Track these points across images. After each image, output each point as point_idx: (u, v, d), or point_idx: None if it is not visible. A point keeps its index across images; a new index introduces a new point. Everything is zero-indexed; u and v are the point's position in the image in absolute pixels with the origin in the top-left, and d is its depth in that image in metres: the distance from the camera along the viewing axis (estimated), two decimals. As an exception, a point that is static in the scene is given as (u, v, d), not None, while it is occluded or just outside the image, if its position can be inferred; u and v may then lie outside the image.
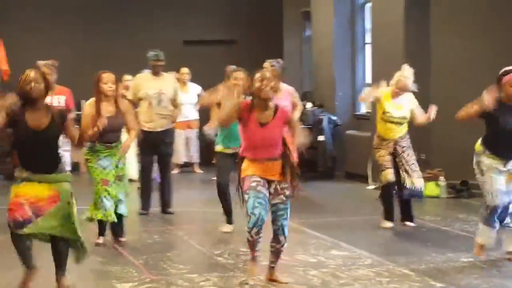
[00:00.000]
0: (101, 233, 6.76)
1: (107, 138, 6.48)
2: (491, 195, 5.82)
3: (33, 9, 12.88)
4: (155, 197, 8.41)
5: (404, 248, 6.63)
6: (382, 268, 5.91)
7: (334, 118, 11.36)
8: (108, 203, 6.49)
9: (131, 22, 13.23)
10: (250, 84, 5.37)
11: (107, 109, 6.55)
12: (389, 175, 7.28)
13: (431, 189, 9.32)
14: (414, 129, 7.62)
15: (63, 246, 5.16)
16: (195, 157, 12.06)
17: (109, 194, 6.50)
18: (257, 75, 5.24)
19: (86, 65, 11.84)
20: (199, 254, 6.58)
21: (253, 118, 5.19)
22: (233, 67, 10.28)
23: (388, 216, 7.40)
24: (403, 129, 7.40)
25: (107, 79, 6.57)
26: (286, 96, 8.51)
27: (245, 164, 5.28)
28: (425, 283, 5.47)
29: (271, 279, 5.41)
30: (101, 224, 6.70)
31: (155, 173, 8.91)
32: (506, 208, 5.91)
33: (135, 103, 8.23)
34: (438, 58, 9.59)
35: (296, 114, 9.09)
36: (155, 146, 8.23)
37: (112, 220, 6.56)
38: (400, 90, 7.28)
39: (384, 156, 7.33)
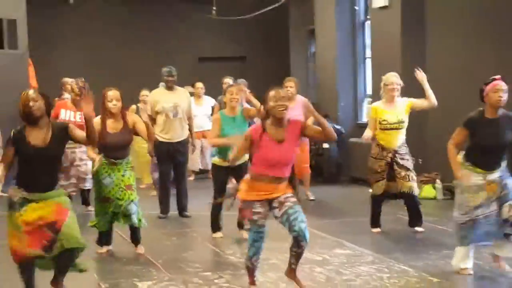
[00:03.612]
0: (104, 243, 6.49)
1: (113, 154, 6.17)
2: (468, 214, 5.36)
3: (64, 32, 13.00)
4: (173, 202, 8.43)
5: (403, 247, 6.61)
6: (383, 264, 5.89)
7: (338, 127, 11.33)
8: (108, 216, 6.26)
9: (154, 43, 13.35)
10: (263, 104, 4.89)
11: (113, 126, 6.23)
12: (380, 187, 6.94)
13: (428, 191, 9.27)
14: (411, 136, 7.50)
15: (72, 253, 4.77)
16: (210, 165, 12.04)
17: (109, 209, 6.21)
18: (272, 94, 4.78)
19: (115, 80, 11.90)
20: (213, 254, 6.58)
21: (266, 138, 4.78)
22: (229, 80, 10.39)
23: (374, 222, 7.18)
24: (402, 137, 7.03)
25: (112, 97, 6.21)
26: (298, 106, 8.53)
27: (246, 185, 4.87)
28: (422, 278, 5.46)
29: (291, 278, 5.12)
30: (102, 234, 6.44)
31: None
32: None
33: (153, 117, 8.30)
34: (433, 70, 9.55)
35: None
36: (171, 155, 8.27)
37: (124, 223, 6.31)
38: (389, 98, 6.97)
39: (381, 167, 6.92)
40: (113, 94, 6.23)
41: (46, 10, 12.20)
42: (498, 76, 5.39)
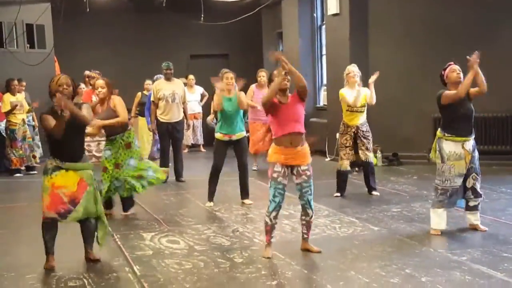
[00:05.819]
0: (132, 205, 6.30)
1: (106, 132, 5.99)
2: (448, 181, 4.94)
3: (83, 34, 12.73)
4: (171, 169, 8.33)
5: (350, 203, 6.61)
6: (335, 217, 5.90)
7: (300, 109, 11.29)
8: (102, 186, 5.92)
9: (155, 43, 13.15)
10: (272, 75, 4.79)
11: (100, 108, 5.95)
12: (345, 165, 6.77)
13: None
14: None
15: (92, 224, 4.53)
16: (200, 140, 12.00)
17: (105, 178, 5.99)
18: (277, 72, 4.67)
19: (124, 72, 11.76)
20: (203, 210, 6.54)
21: (276, 101, 4.60)
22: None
23: (339, 190, 6.92)
24: (363, 117, 6.80)
25: (97, 85, 5.96)
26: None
27: (271, 150, 4.53)
28: (366, 227, 5.48)
29: (305, 249, 4.68)
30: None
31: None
32: (457, 191, 5.00)
33: (156, 102, 8.18)
34: (373, 64, 9.55)
35: None
36: (170, 133, 8.17)
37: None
38: (351, 84, 6.79)
39: (346, 142, 6.71)
40: (97, 83, 6.01)
41: (67, 17, 11.88)
42: (451, 62, 5.04)
